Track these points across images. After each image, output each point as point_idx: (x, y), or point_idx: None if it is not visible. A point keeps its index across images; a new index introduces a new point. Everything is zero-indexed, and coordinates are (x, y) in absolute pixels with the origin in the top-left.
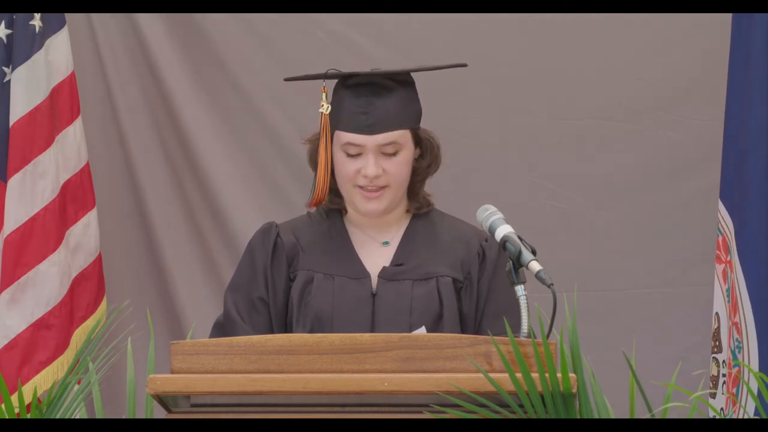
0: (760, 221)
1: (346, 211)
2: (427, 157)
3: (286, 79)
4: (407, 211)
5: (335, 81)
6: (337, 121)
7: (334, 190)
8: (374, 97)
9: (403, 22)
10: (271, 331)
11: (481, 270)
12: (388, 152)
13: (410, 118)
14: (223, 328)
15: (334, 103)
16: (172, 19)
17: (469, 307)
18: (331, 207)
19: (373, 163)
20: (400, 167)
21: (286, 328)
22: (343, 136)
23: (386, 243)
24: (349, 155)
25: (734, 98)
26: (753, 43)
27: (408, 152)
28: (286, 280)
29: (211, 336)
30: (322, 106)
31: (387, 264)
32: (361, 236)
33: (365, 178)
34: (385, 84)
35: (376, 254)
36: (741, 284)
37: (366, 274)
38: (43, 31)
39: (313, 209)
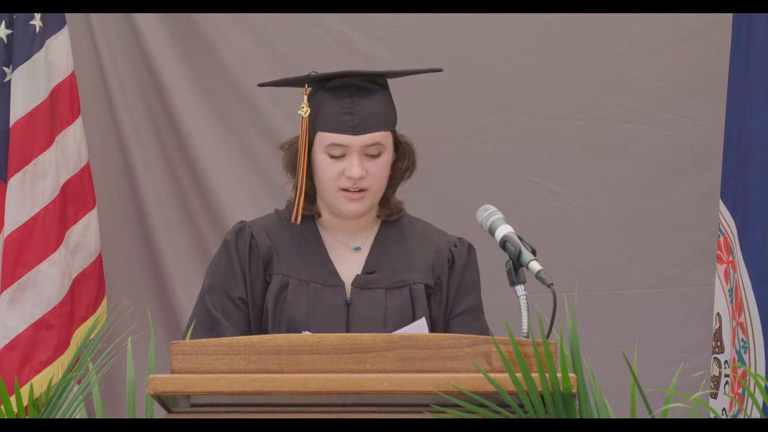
0: (762, 221)
1: (319, 215)
2: (405, 160)
3: (260, 85)
4: (377, 216)
5: (316, 85)
6: (319, 123)
7: (308, 196)
8: (358, 97)
9: (403, 22)
10: (251, 331)
11: (450, 275)
12: (372, 153)
13: (392, 120)
14: (207, 328)
15: (314, 106)
16: (170, 19)
17: (438, 312)
18: (304, 213)
19: (357, 164)
20: (382, 169)
21: (262, 329)
22: (328, 137)
23: (358, 249)
24: (333, 157)
25: (735, 98)
26: (753, 43)
27: (389, 155)
28: (262, 283)
29: (194, 338)
30: (302, 108)
31: (359, 271)
32: (333, 241)
33: (349, 180)
34: (366, 86)
35: (348, 260)
36: (746, 285)
37: (340, 282)
38: (43, 31)
39: (285, 210)
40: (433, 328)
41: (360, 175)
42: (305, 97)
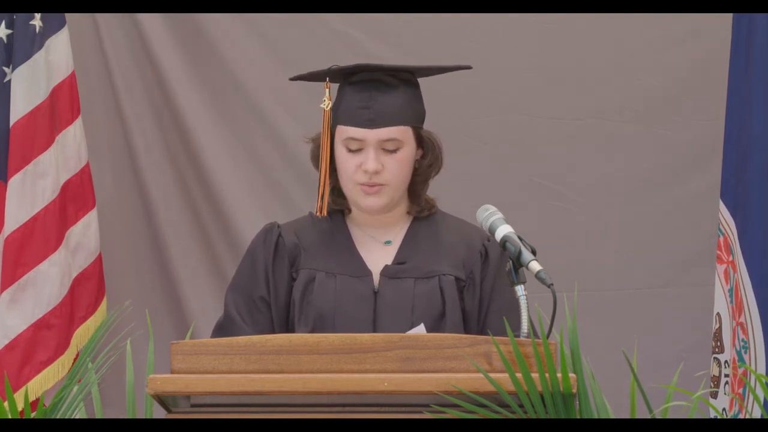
0: (762, 221)
1: (350, 211)
2: (428, 157)
3: (292, 79)
4: (408, 212)
5: (341, 79)
6: (339, 116)
7: (337, 190)
8: (377, 92)
9: (406, 22)
10: (273, 331)
11: (484, 269)
12: (389, 149)
13: (412, 116)
14: (223, 328)
15: (337, 99)
16: (173, 19)
17: (471, 306)
18: (334, 208)
19: (373, 158)
20: (400, 165)
21: (288, 327)
22: (345, 131)
23: (388, 242)
24: (350, 150)
25: (735, 98)
26: (753, 43)
27: (408, 150)
28: (288, 280)
29: (212, 337)
30: (324, 101)
31: (389, 262)
32: (363, 236)
33: (365, 174)
34: (387, 81)
35: (378, 253)
36: (746, 285)
37: (368, 272)
38: (43, 31)
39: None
40: (466, 322)
41: (375, 169)
42: (327, 91)
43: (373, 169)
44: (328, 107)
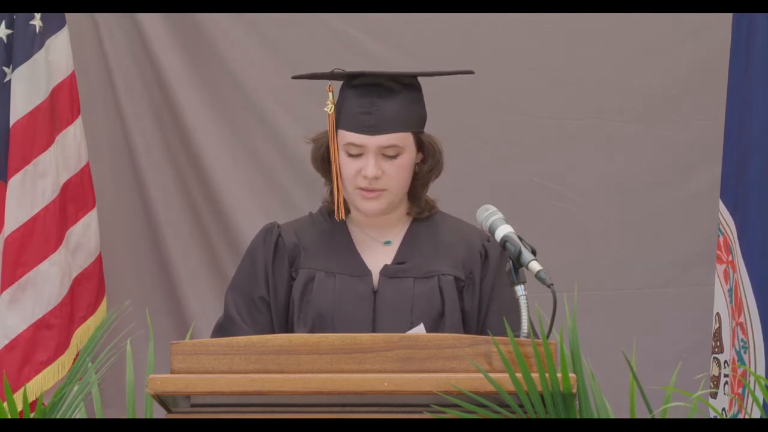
0: (762, 221)
1: (349, 212)
2: (428, 161)
3: (294, 77)
4: (408, 213)
5: (342, 80)
6: (340, 120)
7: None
8: (378, 98)
9: (406, 22)
10: (273, 331)
11: (484, 270)
12: (389, 154)
13: (413, 121)
14: (223, 328)
15: (339, 102)
16: (173, 19)
17: (471, 306)
18: (334, 208)
19: (373, 164)
20: (399, 170)
21: (287, 327)
22: (346, 136)
23: (388, 242)
24: (351, 155)
25: (735, 98)
26: (753, 43)
27: (409, 156)
28: (287, 280)
29: (212, 337)
30: (327, 105)
31: (389, 262)
32: (363, 236)
33: (365, 179)
34: (389, 86)
35: (377, 253)
36: (746, 285)
37: (367, 272)
38: (43, 31)
39: (318, 212)
40: (466, 322)
41: (375, 175)
42: (330, 95)
43: (372, 175)
44: (332, 111)
